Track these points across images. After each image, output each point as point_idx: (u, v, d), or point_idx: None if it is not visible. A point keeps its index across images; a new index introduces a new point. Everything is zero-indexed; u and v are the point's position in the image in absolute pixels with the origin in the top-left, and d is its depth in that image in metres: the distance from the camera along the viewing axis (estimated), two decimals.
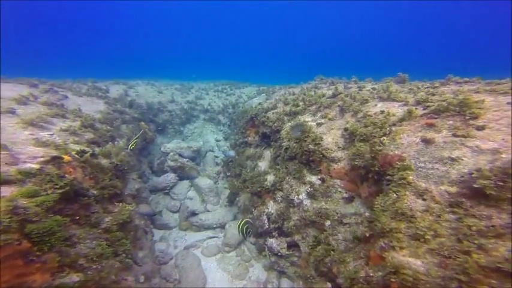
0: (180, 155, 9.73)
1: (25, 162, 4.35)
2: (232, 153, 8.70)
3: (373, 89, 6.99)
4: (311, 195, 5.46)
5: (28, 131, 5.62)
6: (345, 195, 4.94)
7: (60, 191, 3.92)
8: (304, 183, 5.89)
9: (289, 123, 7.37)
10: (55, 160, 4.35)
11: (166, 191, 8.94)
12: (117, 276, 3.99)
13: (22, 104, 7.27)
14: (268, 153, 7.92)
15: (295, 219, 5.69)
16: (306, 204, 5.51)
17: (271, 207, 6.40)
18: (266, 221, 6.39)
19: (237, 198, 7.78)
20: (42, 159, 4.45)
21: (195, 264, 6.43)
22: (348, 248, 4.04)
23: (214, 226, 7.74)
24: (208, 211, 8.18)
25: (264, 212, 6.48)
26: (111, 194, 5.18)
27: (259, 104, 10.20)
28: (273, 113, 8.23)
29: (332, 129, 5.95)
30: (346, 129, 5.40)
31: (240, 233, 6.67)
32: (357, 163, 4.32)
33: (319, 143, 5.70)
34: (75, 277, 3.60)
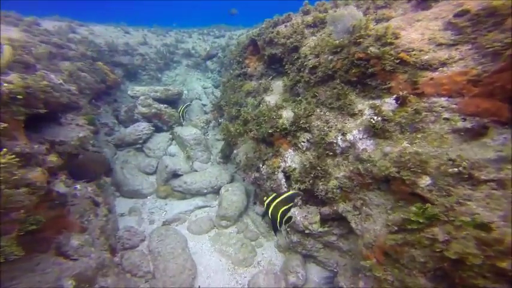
0: (156, 100, 6.64)
1: None
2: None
3: None
4: (376, 131, 2.71)
5: None
6: (465, 124, 2.21)
7: None
8: (354, 114, 3.12)
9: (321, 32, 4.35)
10: None
11: (139, 145, 6.09)
12: None
13: None
14: (279, 84, 4.97)
15: (340, 176, 3.04)
16: (363, 149, 2.80)
17: (291, 158, 3.72)
18: (283, 181, 3.76)
19: (235, 151, 5.05)
20: None
21: (178, 247, 3.93)
22: None
23: (205, 191, 5.12)
24: (196, 171, 5.49)
25: (278, 167, 3.81)
26: None
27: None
28: (285, 26, 5.06)
29: (418, 20, 2.99)
30: (464, 12, 2.46)
31: (180, 117, 5.72)
32: None
33: (391, 42, 2.80)
34: None
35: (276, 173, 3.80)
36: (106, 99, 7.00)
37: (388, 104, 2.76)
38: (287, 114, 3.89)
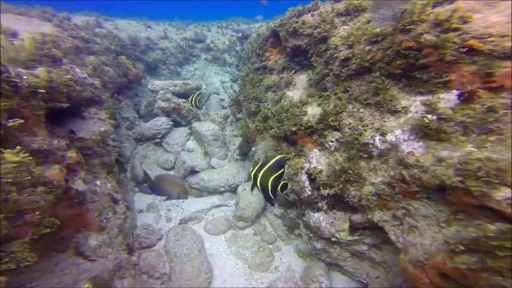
0: (174, 95, 6.47)
1: None
2: None
3: None
4: (429, 132, 2.22)
5: None
6: None
7: None
8: (396, 112, 2.63)
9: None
10: None
11: (158, 140, 5.98)
12: None
13: None
14: (302, 78, 4.52)
15: (377, 182, 2.59)
16: (409, 152, 2.33)
17: (317, 159, 3.30)
18: (307, 183, 3.36)
19: (253, 148, 4.72)
20: None
21: (194, 249, 3.73)
22: None
23: (222, 189, 4.88)
24: (213, 167, 5.26)
25: (302, 168, 3.41)
26: None
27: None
28: (312, 15, 4.53)
29: None
30: None
31: (194, 106, 5.25)
32: None
33: (457, 28, 2.28)
34: None
35: (298, 174, 3.42)
36: (127, 93, 6.98)
37: (445, 100, 2.25)
38: (312, 111, 3.46)
